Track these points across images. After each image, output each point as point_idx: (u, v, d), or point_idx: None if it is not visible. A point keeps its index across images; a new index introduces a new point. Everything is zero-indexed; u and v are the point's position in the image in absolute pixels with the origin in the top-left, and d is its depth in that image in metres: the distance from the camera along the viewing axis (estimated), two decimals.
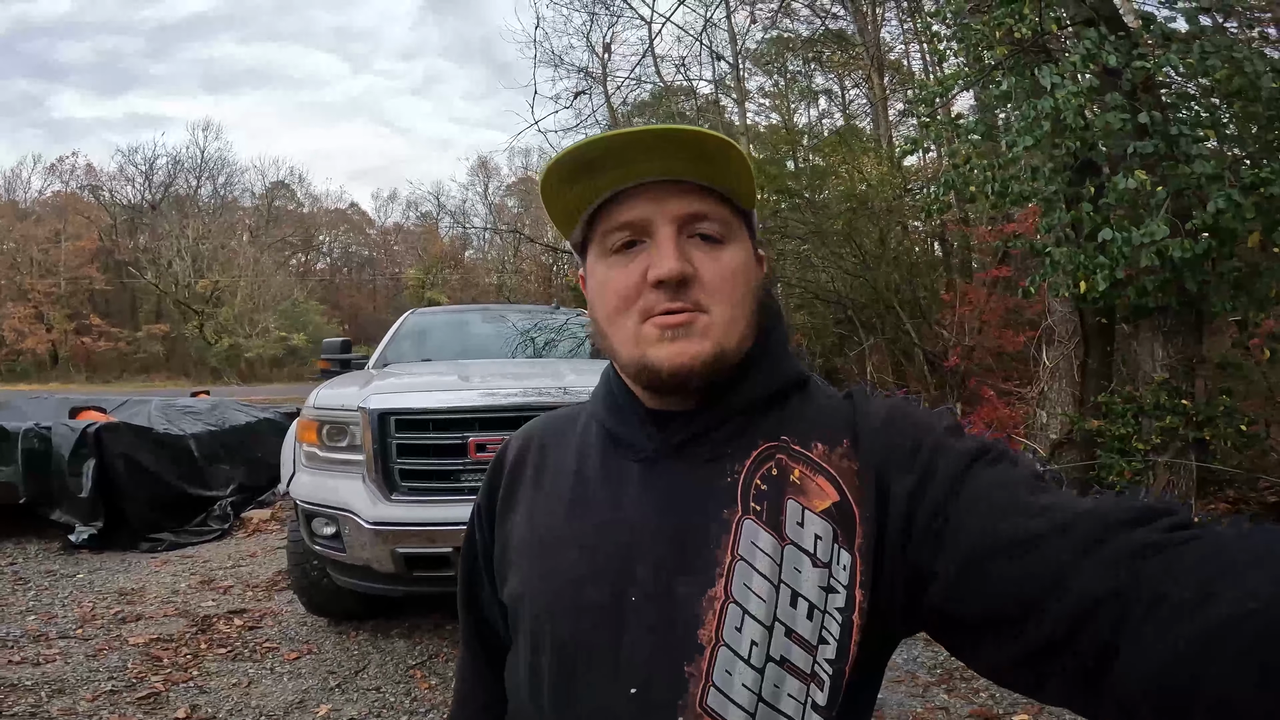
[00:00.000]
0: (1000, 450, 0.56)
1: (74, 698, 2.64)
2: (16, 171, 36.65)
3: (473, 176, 37.73)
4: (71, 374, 28.95)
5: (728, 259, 0.61)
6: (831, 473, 0.58)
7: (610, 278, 0.62)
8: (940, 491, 0.54)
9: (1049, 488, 0.52)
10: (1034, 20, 3.80)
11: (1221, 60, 3.39)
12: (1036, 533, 0.48)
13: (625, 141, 0.57)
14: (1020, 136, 3.74)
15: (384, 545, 2.62)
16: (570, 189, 0.61)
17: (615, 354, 0.64)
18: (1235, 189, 3.40)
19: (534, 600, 0.64)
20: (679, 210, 0.60)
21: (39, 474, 4.69)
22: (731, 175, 0.60)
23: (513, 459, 0.74)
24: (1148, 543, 0.44)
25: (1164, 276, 3.92)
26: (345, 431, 2.83)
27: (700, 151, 0.58)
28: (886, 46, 13.64)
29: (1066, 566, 0.45)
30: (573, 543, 0.63)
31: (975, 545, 0.50)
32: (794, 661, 0.54)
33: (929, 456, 0.56)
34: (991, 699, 2.67)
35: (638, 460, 0.64)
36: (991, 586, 0.48)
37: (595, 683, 0.59)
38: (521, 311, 4.98)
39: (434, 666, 2.95)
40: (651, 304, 0.59)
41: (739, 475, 0.59)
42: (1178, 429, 4.20)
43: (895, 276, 8.32)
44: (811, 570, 0.55)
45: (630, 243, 0.61)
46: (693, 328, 0.59)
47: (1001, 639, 0.48)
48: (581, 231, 0.65)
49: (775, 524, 0.57)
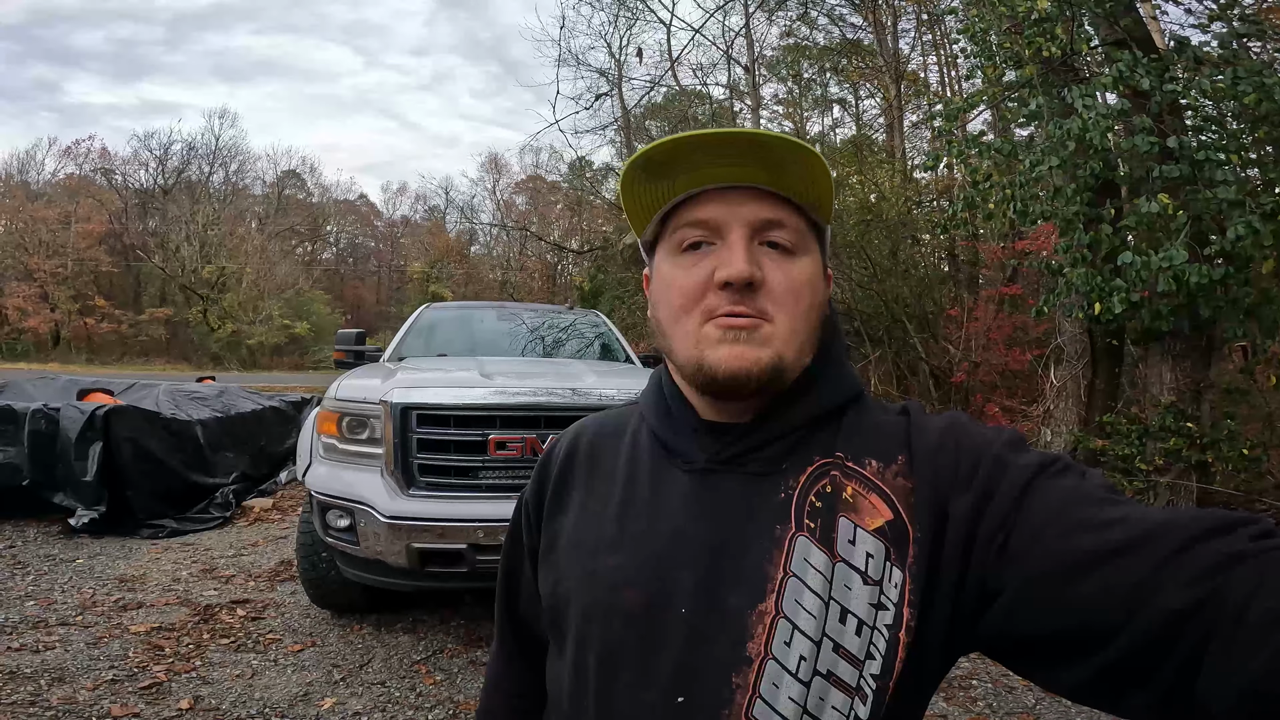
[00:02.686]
0: (1066, 463, 0.55)
1: (74, 686, 2.61)
2: (30, 153, 36.80)
3: (483, 172, 37.78)
4: (72, 355, 28.94)
5: (797, 271, 0.60)
6: (886, 490, 0.58)
7: (676, 275, 0.62)
8: (1002, 509, 0.53)
9: (1120, 499, 0.51)
10: (1064, 40, 3.80)
11: (1252, 85, 3.39)
12: (1111, 547, 0.46)
13: (712, 141, 0.57)
14: (1046, 156, 3.73)
15: (399, 539, 2.61)
16: (649, 186, 0.61)
17: (673, 353, 0.63)
18: (1256, 215, 3.40)
19: (578, 602, 0.64)
20: (753, 215, 0.59)
21: (44, 456, 4.65)
22: (809, 184, 0.59)
23: (562, 458, 0.74)
24: (1230, 553, 0.43)
25: (1178, 301, 3.94)
26: (366, 424, 2.82)
27: (781, 159, 0.57)
28: (904, 58, 13.66)
29: (1145, 581, 0.44)
30: (619, 548, 0.63)
31: (1045, 562, 0.49)
32: (840, 675, 0.54)
33: (988, 474, 0.55)
34: (989, 708, 2.67)
35: (689, 470, 0.63)
36: (1064, 604, 0.47)
37: (640, 688, 0.58)
38: (536, 310, 4.99)
39: (439, 662, 2.93)
40: (715, 305, 0.59)
41: (793, 492, 0.59)
42: (1181, 450, 4.22)
43: (904, 290, 8.31)
44: (862, 588, 0.55)
45: (699, 243, 0.61)
46: (755, 334, 0.58)
47: (1075, 657, 0.47)
48: (654, 229, 0.65)
49: (828, 541, 0.56)
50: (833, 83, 16.69)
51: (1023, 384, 7.68)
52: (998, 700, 2.72)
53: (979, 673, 2.94)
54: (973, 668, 2.99)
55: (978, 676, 2.91)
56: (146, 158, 34.99)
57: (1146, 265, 3.59)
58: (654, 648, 0.58)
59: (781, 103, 17.47)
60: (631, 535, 0.63)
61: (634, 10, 12.90)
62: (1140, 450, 4.46)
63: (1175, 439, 4.24)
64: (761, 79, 15.24)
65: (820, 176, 0.59)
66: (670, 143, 0.57)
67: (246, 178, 37.50)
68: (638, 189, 0.62)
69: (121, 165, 35.23)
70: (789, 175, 0.58)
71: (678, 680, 0.57)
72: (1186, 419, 4.30)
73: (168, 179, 34.71)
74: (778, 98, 17.28)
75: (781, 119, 17.48)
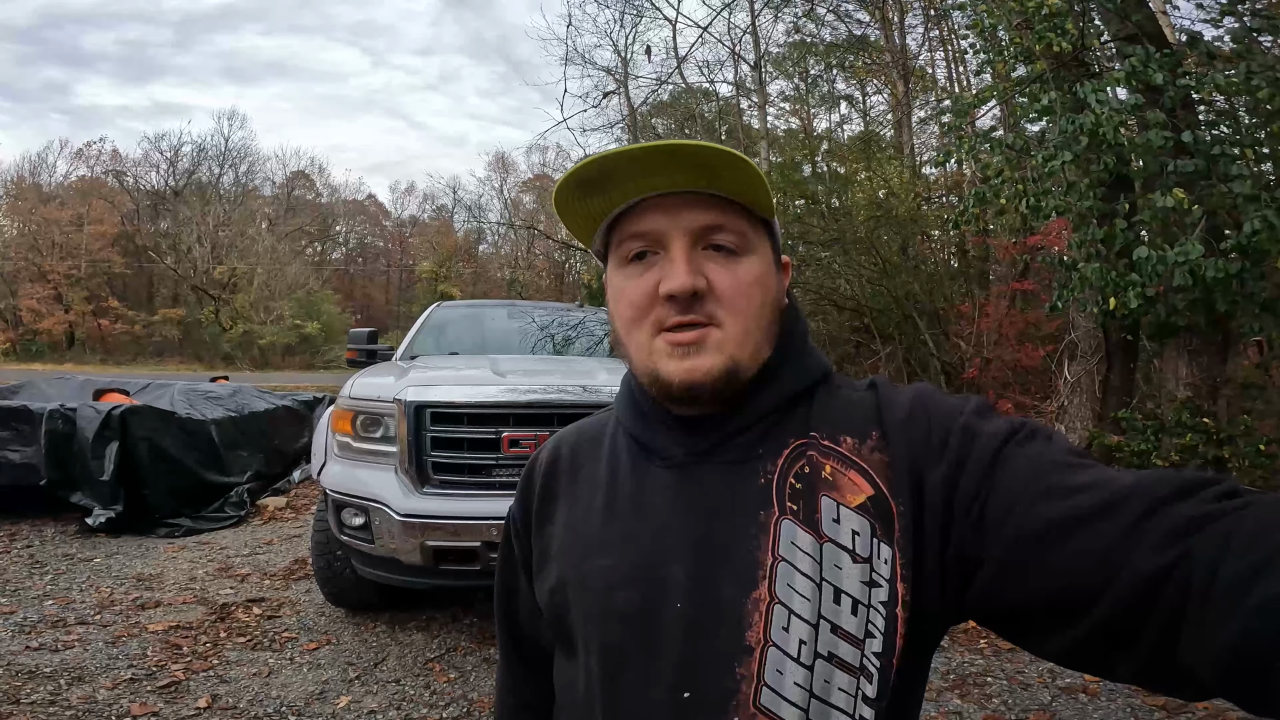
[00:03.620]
0: (1032, 428, 0.55)
1: (93, 685, 2.63)
2: (42, 156, 37.20)
3: (490, 171, 37.91)
4: (86, 355, 29.24)
5: (744, 271, 0.60)
6: (864, 466, 0.58)
7: (625, 288, 0.62)
8: (974, 479, 0.53)
9: (1087, 464, 0.51)
10: (1075, 35, 3.77)
11: (1266, 80, 3.36)
12: (1079, 514, 0.47)
13: (632, 157, 0.57)
14: (1060, 151, 3.71)
15: (414, 537, 2.62)
16: (585, 202, 0.62)
17: (631, 363, 0.64)
18: (1271, 209, 3.37)
19: (576, 608, 0.64)
20: (693, 222, 0.60)
21: (61, 456, 4.69)
22: (743, 186, 0.59)
23: (545, 469, 0.74)
24: (1197, 515, 0.43)
25: (1194, 296, 3.90)
26: (380, 423, 2.84)
27: (709, 165, 0.57)
28: (911, 54, 13.58)
29: (1115, 547, 0.44)
30: (607, 551, 0.63)
31: (1017, 530, 0.49)
32: (842, 656, 0.54)
33: (959, 442, 0.55)
34: (1004, 705, 2.66)
35: (668, 466, 0.64)
36: (1038, 571, 0.48)
37: (645, 688, 0.58)
38: (546, 308, 5.00)
39: (452, 660, 2.95)
40: (663, 317, 0.59)
41: (772, 476, 0.59)
42: (1198, 447, 4.18)
43: (915, 286, 8.27)
44: (852, 566, 0.55)
45: (644, 252, 0.61)
46: (704, 344, 0.59)
47: (1059, 624, 0.47)
48: (601, 240, 0.66)
49: (811, 522, 0.57)
50: (840, 79, 16.62)
51: (1036, 380, 7.63)
52: (1013, 697, 2.71)
53: (994, 670, 2.92)
54: (987, 665, 2.97)
55: (992, 674, 2.90)
56: (157, 159, 35.39)
57: (1162, 260, 3.56)
58: (654, 646, 0.59)
59: (789, 99, 17.43)
60: (618, 536, 0.63)
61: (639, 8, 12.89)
62: (1156, 446, 4.42)
63: (1191, 435, 4.20)
64: (768, 76, 15.19)
65: (753, 179, 0.59)
66: (599, 159, 0.57)
67: (256, 179, 37.83)
68: (574, 206, 0.62)
69: (132, 167, 35.68)
70: (722, 178, 0.58)
71: (682, 676, 0.57)
72: (1203, 415, 4.26)
73: (178, 180, 35.01)
74: (784, 94, 17.24)
75: (788, 115, 17.44)
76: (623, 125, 15.22)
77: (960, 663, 3.00)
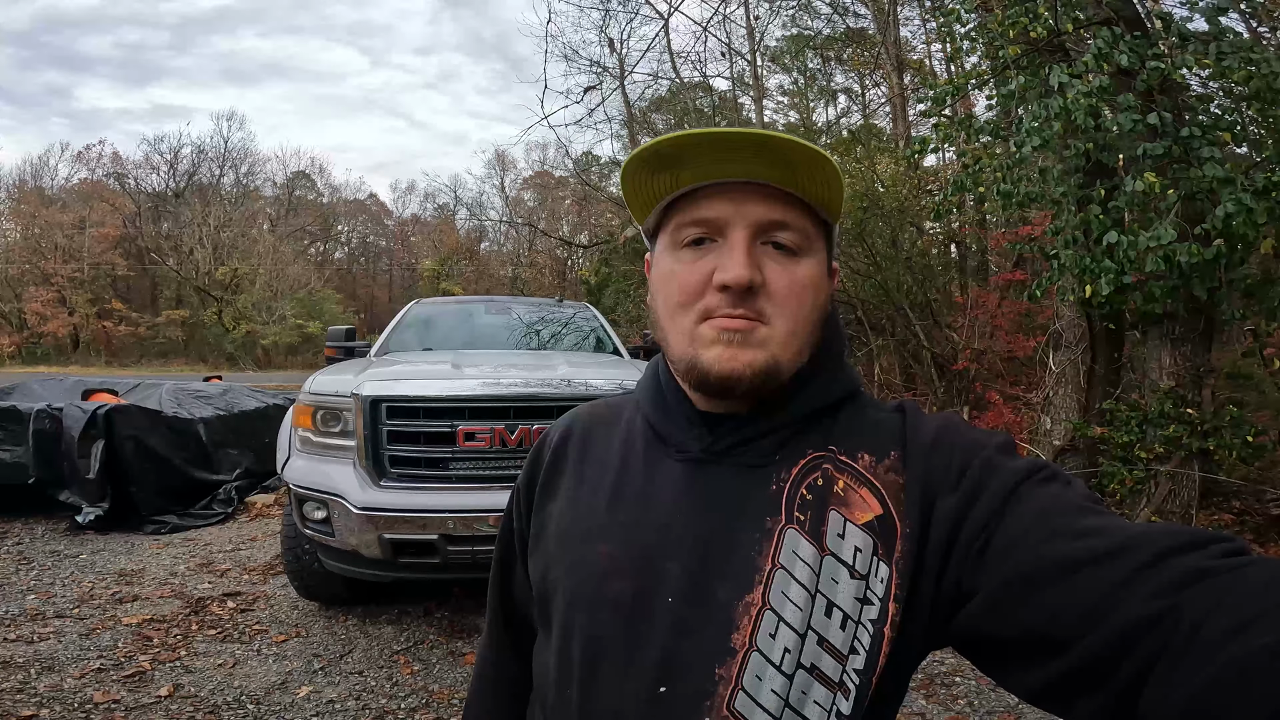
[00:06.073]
0: (1053, 470, 0.55)
1: (62, 675, 2.68)
2: (44, 159, 37.46)
3: (489, 169, 37.91)
4: (91, 358, 29.45)
5: (800, 273, 0.59)
6: (876, 485, 0.58)
7: (676, 271, 0.61)
8: (985, 511, 0.53)
9: (1100, 510, 0.51)
10: (1049, 19, 3.73)
11: (1240, 62, 3.31)
12: (1082, 557, 0.46)
13: (714, 140, 0.56)
14: (1030, 137, 3.67)
15: (372, 530, 2.64)
16: (652, 178, 0.60)
17: (668, 348, 0.63)
18: (1247, 193, 3.32)
19: (565, 590, 0.64)
20: (757, 216, 0.58)
21: (48, 454, 4.76)
22: (820, 185, 0.58)
23: (555, 446, 0.74)
24: (1197, 568, 0.42)
25: (1172, 282, 3.86)
26: (339, 417, 2.86)
27: (788, 159, 0.56)
28: (907, 46, 13.51)
29: (1110, 593, 0.44)
30: (608, 536, 0.63)
31: (1019, 566, 0.49)
32: (823, 669, 0.54)
33: (977, 476, 0.55)
34: (970, 706, 2.65)
35: (682, 460, 0.63)
36: (1032, 609, 0.47)
37: (622, 678, 0.58)
38: (527, 304, 5.00)
39: (418, 653, 2.97)
40: (713, 306, 0.58)
41: (784, 484, 0.59)
42: (1181, 438, 4.12)
43: (907, 278, 8.24)
44: (849, 581, 0.55)
45: (701, 239, 0.60)
46: (751, 336, 0.58)
47: (1036, 661, 0.47)
48: (656, 218, 0.64)
49: (816, 534, 0.57)
50: (838, 73, 16.55)
51: (1028, 372, 7.60)
52: (979, 699, 2.69)
53: (962, 670, 2.90)
54: (956, 664, 2.95)
55: (960, 674, 2.88)
56: (158, 161, 35.51)
57: (1134, 245, 3.52)
58: (639, 637, 0.59)
59: (787, 94, 17.37)
60: (622, 524, 0.63)
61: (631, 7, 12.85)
62: (1140, 438, 4.37)
63: (1175, 426, 4.14)
64: (766, 70, 15.15)
65: (831, 180, 0.57)
66: (677, 138, 0.56)
67: (257, 179, 37.91)
68: (641, 179, 0.61)
69: (133, 169, 35.79)
70: (799, 174, 0.57)
71: (661, 671, 0.57)
72: (1186, 405, 4.20)
73: (179, 182, 35.15)
74: (783, 89, 17.18)
75: (787, 110, 17.39)
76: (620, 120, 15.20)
77: (928, 662, 2.99)
